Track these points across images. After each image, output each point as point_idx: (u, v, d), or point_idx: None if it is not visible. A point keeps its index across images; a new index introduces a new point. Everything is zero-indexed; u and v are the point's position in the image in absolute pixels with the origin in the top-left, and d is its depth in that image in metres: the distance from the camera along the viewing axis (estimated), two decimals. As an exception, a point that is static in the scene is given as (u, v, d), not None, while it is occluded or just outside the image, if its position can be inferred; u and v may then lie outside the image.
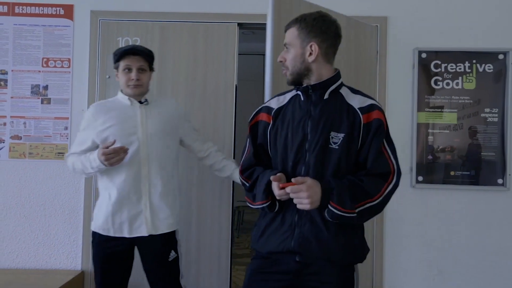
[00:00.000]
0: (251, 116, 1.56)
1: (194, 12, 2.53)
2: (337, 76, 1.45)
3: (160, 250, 1.88)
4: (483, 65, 2.47)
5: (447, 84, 2.48)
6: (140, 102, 1.91)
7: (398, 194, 2.41)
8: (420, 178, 2.47)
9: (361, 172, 1.40)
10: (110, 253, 1.86)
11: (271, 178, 1.36)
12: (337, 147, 1.38)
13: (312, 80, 1.43)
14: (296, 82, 1.45)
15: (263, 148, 1.52)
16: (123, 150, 1.75)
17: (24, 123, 2.53)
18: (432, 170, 2.47)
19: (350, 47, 2.49)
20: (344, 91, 1.46)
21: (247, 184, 1.51)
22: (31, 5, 2.53)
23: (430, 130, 2.48)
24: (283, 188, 1.33)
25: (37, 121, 2.54)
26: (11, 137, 2.53)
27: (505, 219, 2.47)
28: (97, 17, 2.53)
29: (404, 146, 2.48)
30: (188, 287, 2.24)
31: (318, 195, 1.32)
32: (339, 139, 1.38)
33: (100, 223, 1.85)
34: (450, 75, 2.48)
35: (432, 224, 2.49)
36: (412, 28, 2.51)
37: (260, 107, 1.56)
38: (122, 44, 2.52)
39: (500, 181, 2.45)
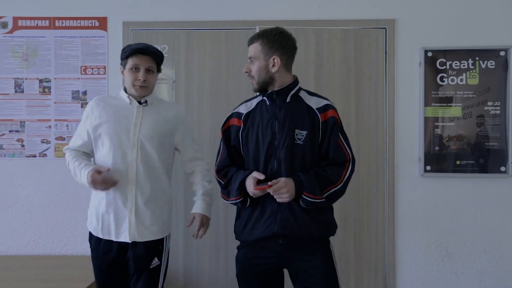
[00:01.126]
0: (223, 122, 1.80)
1: (216, 20, 2.76)
2: (295, 82, 1.71)
3: (142, 257, 1.80)
4: (486, 61, 2.65)
5: (452, 80, 2.67)
6: (139, 103, 1.86)
7: (408, 182, 2.67)
8: (428, 168, 2.68)
9: (323, 163, 1.67)
10: (103, 254, 1.81)
11: (256, 175, 1.61)
12: (301, 142, 1.62)
13: (276, 86, 1.66)
14: (262, 89, 1.68)
15: (236, 149, 1.75)
16: (111, 182, 1.72)
17: (67, 125, 2.81)
18: (439, 160, 2.67)
19: (361, 48, 2.71)
20: (302, 94, 1.71)
21: (222, 183, 1.75)
22: (69, 18, 2.79)
23: (436, 123, 2.68)
24: (258, 188, 1.58)
25: (78, 123, 2.80)
26: (56, 138, 2.81)
27: (508, 203, 2.66)
28: (128, 27, 2.79)
29: (413, 138, 2.69)
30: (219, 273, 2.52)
31: (293, 189, 1.57)
32: (303, 135, 1.62)
33: (93, 224, 1.84)
34: (455, 72, 2.66)
35: (440, 209, 2.70)
36: (418, 29, 2.69)
37: (230, 113, 1.80)
38: (152, 51, 2.77)
39: (503, 168, 2.64)
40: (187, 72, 2.77)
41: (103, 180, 1.71)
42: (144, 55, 1.81)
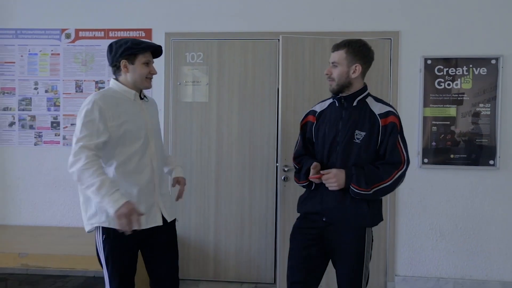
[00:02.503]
0: (302, 118, 2.08)
1: (244, 31, 3.22)
2: (364, 88, 1.92)
3: (171, 233, 1.96)
4: (478, 68, 3.03)
5: (448, 84, 3.06)
6: (141, 98, 1.93)
7: (408, 173, 3.07)
8: (426, 160, 3.09)
9: (379, 162, 1.85)
10: (125, 246, 1.80)
11: (311, 166, 1.87)
12: (359, 141, 1.84)
13: (349, 91, 1.89)
14: (339, 91, 1.89)
15: (310, 141, 2.03)
16: (131, 222, 1.64)
17: (117, 120, 3.33)
18: (435, 154, 3.08)
19: (368, 56, 3.12)
20: (369, 100, 1.92)
21: (297, 167, 2.04)
22: (120, 30, 3.31)
23: (434, 122, 3.08)
24: (313, 177, 1.86)
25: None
26: (108, 131, 3.34)
27: (496, 192, 3.06)
28: (170, 37, 3.28)
29: (413, 134, 3.10)
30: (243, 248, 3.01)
31: (343, 179, 1.81)
32: (362, 136, 1.84)
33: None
34: (451, 77, 3.06)
35: (435, 196, 3.11)
36: (419, 40, 3.09)
37: (308, 111, 2.07)
38: (189, 58, 3.26)
39: (491, 162, 3.03)
40: (219, 76, 3.25)
41: (130, 220, 1.63)
42: (150, 52, 1.92)
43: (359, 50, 1.86)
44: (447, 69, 3.06)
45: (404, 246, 3.14)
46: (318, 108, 2.03)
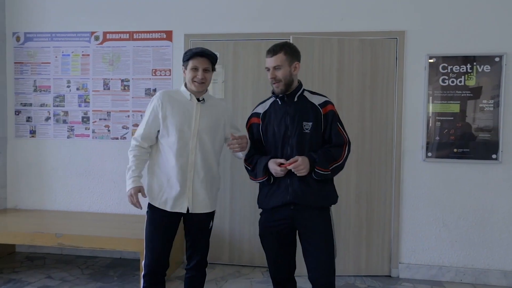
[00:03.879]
0: (246, 121, 2.24)
1: (257, 32, 3.43)
2: (300, 85, 2.13)
3: (200, 223, 2.21)
4: (482, 66, 3.14)
5: (452, 81, 3.19)
6: (198, 100, 2.17)
7: (412, 166, 3.27)
8: (430, 154, 3.24)
9: (327, 145, 2.07)
10: (159, 221, 2.15)
11: (278, 161, 2.00)
12: (308, 131, 2.04)
13: (291, 88, 2.08)
14: (286, 91, 2.07)
15: (259, 141, 2.17)
16: (135, 206, 2.14)
17: (141, 115, 3.61)
18: (439, 148, 3.22)
19: (376, 54, 3.29)
20: (306, 94, 2.12)
21: (249, 168, 2.17)
22: (144, 32, 3.59)
23: (438, 117, 3.22)
24: (283, 167, 1.98)
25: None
26: (133, 125, 3.64)
27: (498, 185, 3.17)
28: (189, 38, 3.53)
29: (417, 129, 3.25)
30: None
31: (308, 164, 1.97)
32: (309, 126, 2.04)
33: (154, 195, 2.15)
34: (455, 75, 3.18)
35: (439, 189, 3.25)
36: (424, 39, 3.22)
37: (250, 114, 2.23)
38: (206, 58, 3.51)
39: (494, 156, 3.15)
40: (234, 74, 3.49)
41: (132, 202, 2.13)
42: (202, 57, 2.13)
43: (294, 50, 2.09)
44: (451, 66, 3.19)
45: (408, 235, 3.30)
46: (261, 110, 2.18)
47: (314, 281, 2.04)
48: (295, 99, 2.10)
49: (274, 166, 2.02)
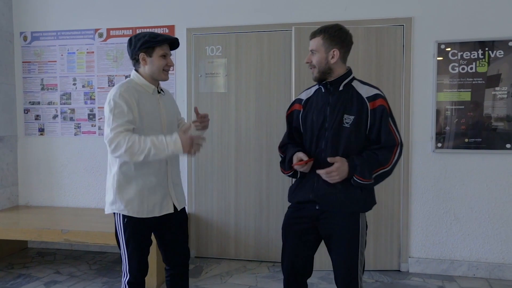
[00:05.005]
0: (288, 107, 2.05)
1: (259, 24, 3.37)
2: (349, 73, 1.89)
3: (182, 220, 2.11)
4: (495, 51, 3.00)
5: (462, 69, 3.05)
6: (158, 92, 2.00)
7: (421, 158, 3.15)
8: (439, 145, 3.12)
9: (374, 146, 1.81)
10: (142, 230, 1.95)
11: (299, 155, 1.83)
12: (348, 125, 1.81)
13: (333, 76, 1.86)
14: (321, 78, 1.87)
15: (297, 130, 1.98)
16: (200, 140, 1.88)
17: (146, 111, 3.63)
18: (449, 138, 3.10)
19: (382, 43, 3.18)
20: (355, 83, 1.88)
21: (282, 156, 2.01)
22: (146, 27, 3.58)
23: (447, 107, 3.10)
24: (301, 163, 1.81)
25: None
26: (138, 121, 3.65)
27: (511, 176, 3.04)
28: (191, 33, 3.50)
29: (426, 119, 3.13)
30: (262, 228, 3.22)
31: (345, 172, 1.76)
32: (351, 120, 1.81)
33: (135, 207, 1.91)
34: (465, 62, 3.05)
35: (449, 180, 3.14)
36: (432, 25, 3.10)
37: (294, 100, 2.05)
38: (209, 51, 3.47)
39: (508, 145, 3.01)
40: (237, 67, 3.44)
41: (193, 140, 1.83)
42: (168, 44, 1.97)
43: (335, 35, 1.84)
44: (462, 53, 3.05)
45: (418, 229, 3.20)
46: (304, 96, 2.00)
47: None
48: (341, 88, 1.87)
49: (295, 161, 1.85)
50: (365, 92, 1.85)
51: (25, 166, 3.87)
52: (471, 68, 3.04)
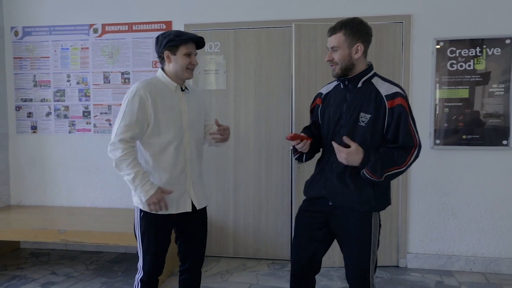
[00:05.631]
0: (312, 101, 2.05)
1: (258, 20, 3.35)
2: (369, 68, 1.83)
3: (201, 221, 2.08)
4: (492, 49, 3.04)
5: (461, 66, 3.09)
6: (182, 90, 2.01)
7: (420, 154, 3.13)
8: (438, 141, 3.15)
9: (392, 145, 1.75)
10: (159, 226, 1.95)
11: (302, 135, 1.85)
12: (364, 124, 1.76)
13: (353, 72, 1.81)
14: (343, 75, 1.82)
15: (316, 124, 1.99)
16: (164, 205, 1.89)
17: (142, 108, 3.57)
18: (447, 135, 3.14)
19: (381, 40, 3.20)
20: (375, 80, 1.82)
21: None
22: (143, 23, 3.52)
23: (446, 103, 3.13)
24: (294, 139, 1.82)
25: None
26: (134, 119, 3.59)
27: (509, 171, 3.09)
28: (189, 29, 3.45)
29: (425, 116, 3.16)
30: (261, 226, 3.20)
31: (356, 160, 1.72)
32: (367, 118, 1.76)
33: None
34: (464, 59, 3.08)
35: (447, 176, 3.17)
36: (431, 23, 3.12)
37: (316, 94, 2.03)
38: (207, 48, 3.43)
39: (504, 142, 3.06)
40: (235, 64, 3.41)
41: (160, 201, 1.87)
42: (193, 43, 2.00)
43: (357, 29, 1.78)
44: (460, 50, 3.09)
45: (416, 224, 3.24)
46: (324, 90, 2.00)
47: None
48: (359, 85, 1.82)
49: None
50: (385, 90, 1.78)
51: (17, 165, 3.77)
52: (469, 66, 3.08)
